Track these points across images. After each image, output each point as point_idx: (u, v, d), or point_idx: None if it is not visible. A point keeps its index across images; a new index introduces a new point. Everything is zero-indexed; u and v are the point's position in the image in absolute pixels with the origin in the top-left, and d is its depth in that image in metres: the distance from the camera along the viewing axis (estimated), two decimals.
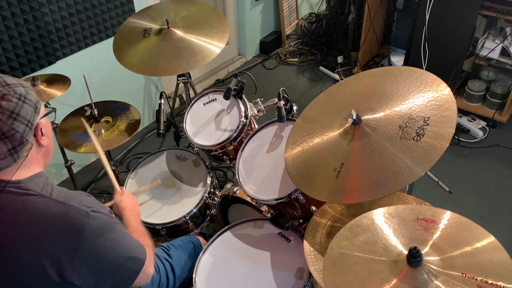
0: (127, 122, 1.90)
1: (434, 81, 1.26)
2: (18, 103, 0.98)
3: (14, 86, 1.00)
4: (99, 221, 1.04)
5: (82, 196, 1.07)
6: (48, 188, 1.05)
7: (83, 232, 1.00)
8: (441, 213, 1.03)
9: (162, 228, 1.77)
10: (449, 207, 2.42)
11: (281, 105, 1.65)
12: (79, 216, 1.01)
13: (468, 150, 2.84)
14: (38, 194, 1.02)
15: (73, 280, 1.02)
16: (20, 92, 0.99)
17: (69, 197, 1.04)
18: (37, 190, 1.03)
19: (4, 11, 2.04)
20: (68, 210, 1.01)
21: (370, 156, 1.18)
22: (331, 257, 1.04)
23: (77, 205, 1.02)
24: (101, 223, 1.04)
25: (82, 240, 1.00)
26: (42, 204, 1.01)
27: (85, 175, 2.75)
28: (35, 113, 1.02)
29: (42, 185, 1.05)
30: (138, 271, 1.13)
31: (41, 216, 1.00)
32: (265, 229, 1.55)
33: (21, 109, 0.98)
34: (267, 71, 3.85)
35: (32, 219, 1.00)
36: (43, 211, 1.00)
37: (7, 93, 0.97)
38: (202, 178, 1.88)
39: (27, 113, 0.99)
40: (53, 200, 1.02)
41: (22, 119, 0.98)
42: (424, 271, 0.91)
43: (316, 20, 4.16)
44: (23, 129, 0.99)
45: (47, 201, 1.02)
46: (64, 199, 1.03)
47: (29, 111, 1.00)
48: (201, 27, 2.01)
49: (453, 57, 2.87)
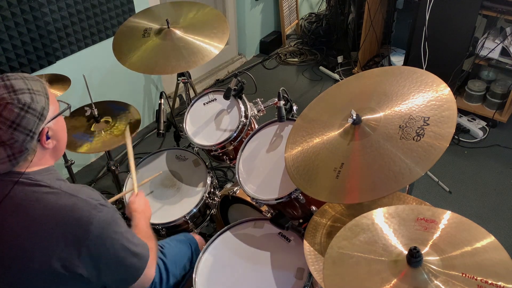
0: (127, 122, 1.90)
1: (434, 81, 1.26)
2: (20, 114, 0.98)
3: (20, 93, 0.99)
4: (106, 214, 1.06)
5: (88, 190, 1.09)
6: (58, 181, 1.07)
7: (91, 224, 1.02)
8: (441, 213, 1.03)
9: (162, 228, 1.77)
10: (449, 207, 2.42)
11: (281, 105, 1.65)
12: (88, 208, 1.03)
13: (468, 150, 2.84)
14: (48, 185, 1.04)
15: (79, 270, 1.04)
16: (24, 101, 0.98)
17: (78, 189, 1.07)
18: (46, 182, 1.05)
19: (4, 11, 2.04)
20: (77, 202, 1.03)
21: (370, 156, 1.18)
22: (331, 257, 1.03)
23: (85, 197, 1.05)
24: (107, 216, 1.06)
25: (89, 231, 1.02)
26: (52, 195, 1.03)
27: (85, 175, 2.75)
28: (39, 121, 1.01)
29: (52, 177, 1.07)
30: (142, 268, 1.14)
31: (50, 206, 1.02)
32: (265, 229, 1.55)
33: (22, 119, 0.98)
34: (267, 71, 3.85)
35: (42, 210, 1.02)
36: (52, 201, 1.03)
37: (10, 102, 0.97)
38: (202, 178, 1.88)
39: (28, 123, 0.99)
40: (63, 191, 1.04)
41: (23, 129, 0.99)
42: (424, 271, 0.91)
43: (316, 20, 4.16)
44: (23, 138, 0.99)
45: (57, 192, 1.04)
46: (73, 191, 1.05)
47: (31, 121, 1.00)
48: (201, 27, 2.01)
49: (453, 57, 2.87)
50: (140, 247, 1.16)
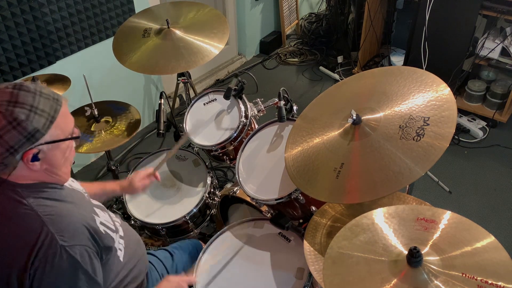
0: (127, 122, 1.90)
1: (434, 81, 1.26)
2: (6, 127, 0.93)
3: (18, 107, 0.95)
4: (63, 257, 0.98)
5: (73, 228, 1.02)
6: (42, 200, 1.02)
7: (40, 261, 0.96)
8: (441, 213, 1.03)
9: (162, 228, 1.77)
10: (449, 207, 2.42)
11: (281, 105, 1.65)
12: (46, 240, 0.97)
13: (468, 150, 2.84)
14: (26, 204, 1.00)
15: None
16: (16, 116, 0.94)
17: (53, 220, 1.00)
18: (27, 199, 1.01)
19: (4, 11, 2.04)
20: (40, 230, 0.98)
21: (370, 156, 1.18)
22: (331, 257, 1.03)
23: (53, 231, 0.98)
24: (63, 261, 0.98)
25: (34, 266, 0.96)
26: (23, 213, 0.99)
27: (85, 175, 2.75)
28: (25, 141, 0.95)
29: (39, 196, 1.02)
30: None
31: (14, 223, 0.99)
32: (265, 229, 1.55)
33: (6, 133, 0.93)
34: (267, 71, 3.85)
35: (6, 224, 0.99)
36: (20, 220, 0.99)
37: (3, 112, 0.93)
38: (202, 178, 1.88)
39: (11, 139, 0.94)
40: (37, 215, 0.99)
41: (4, 143, 0.94)
42: (424, 271, 0.91)
43: (316, 20, 4.16)
44: (1, 151, 0.94)
45: (29, 213, 0.99)
46: (47, 218, 0.99)
47: (15, 138, 0.94)
48: (201, 27, 2.01)
49: (453, 57, 2.87)
50: None
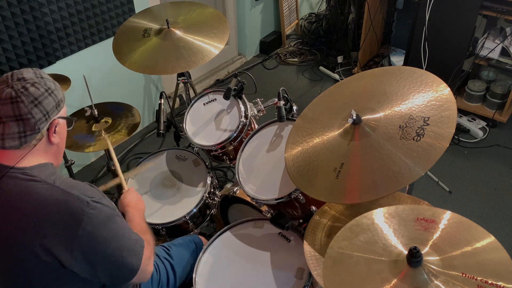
0: (127, 122, 1.90)
1: (434, 81, 1.26)
2: (44, 94, 1.06)
3: (46, 80, 1.09)
4: (99, 211, 1.06)
5: (85, 186, 1.09)
6: (53, 176, 1.08)
7: (82, 221, 1.03)
8: (441, 213, 1.03)
9: (162, 228, 1.77)
10: (449, 207, 2.42)
11: (281, 105, 1.65)
12: (79, 204, 1.04)
13: (468, 150, 2.84)
14: (42, 180, 1.05)
15: (72, 267, 1.04)
16: (49, 86, 1.08)
17: (71, 185, 1.07)
18: (41, 177, 1.06)
19: (4, 11, 2.04)
20: (68, 198, 1.04)
21: (370, 156, 1.18)
22: (331, 257, 1.04)
23: (78, 194, 1.05)
24: (100, 214, 1.06)
25: (80, 228, 1.02)
26: (45, 190, 1.04)
27: (85, 175, 2.75)
28: (55, 109, 1.09)
29: (47, 173, 1.08)
30: (138, 265, 1.13)
31: (43, 202, 1.03)
32: (265, 229, 1.55)
33: (44, 99, 1.05)
34: (267, 71, 3.85)
35: (35, 204, 1.02)
36: (45, 197, 1.03)
37: (37, 82, 1.06)
38: (202, 178, 1.88)
39: (48, 105, 1.06)
40: (56, 187, 1.05)
41: (42, 108, 1.05)
42: (424, 271, 0.91)
43: (316, 20, 4.16)
44: (39, 117, 1.05)
45: (50, 187, 1.05)
46: (66, 187, 1.06)
47: (51, 105, 1.07)
48: (201, 27, 2.01)
49: (453, 57, 2.87)
50: (136, 244, 1.15)
